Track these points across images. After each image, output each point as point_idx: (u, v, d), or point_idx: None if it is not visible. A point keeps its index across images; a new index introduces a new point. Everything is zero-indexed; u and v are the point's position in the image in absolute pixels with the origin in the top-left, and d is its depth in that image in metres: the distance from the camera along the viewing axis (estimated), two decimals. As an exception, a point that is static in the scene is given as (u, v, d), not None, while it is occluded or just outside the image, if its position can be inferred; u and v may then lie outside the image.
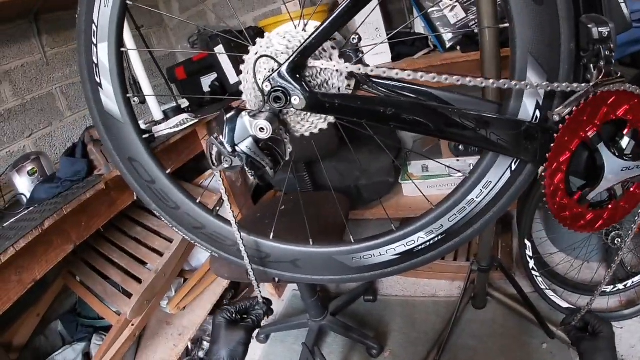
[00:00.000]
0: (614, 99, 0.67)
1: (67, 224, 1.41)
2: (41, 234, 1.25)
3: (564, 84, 0.64)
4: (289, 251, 0.87)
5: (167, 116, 1.86)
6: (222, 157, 0.72)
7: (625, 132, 0.70)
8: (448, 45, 1.78)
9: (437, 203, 0.79)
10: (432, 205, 0.79)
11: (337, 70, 0.71)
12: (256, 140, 0.71)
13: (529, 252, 1.97)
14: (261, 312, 0.94)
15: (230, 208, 0.85)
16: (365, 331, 2.01)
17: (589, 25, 0.63)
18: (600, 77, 0.65)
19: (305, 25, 0.71)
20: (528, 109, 0.68)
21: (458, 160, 2.16)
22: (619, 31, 0.68)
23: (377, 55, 1.87)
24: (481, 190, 0.74)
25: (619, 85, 0.65)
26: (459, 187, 0.76)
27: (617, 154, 0.71)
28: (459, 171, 2.12)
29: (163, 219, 0.91)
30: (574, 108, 0.65)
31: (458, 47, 1.75)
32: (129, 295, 1.77)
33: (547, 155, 0.68)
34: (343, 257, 0.84)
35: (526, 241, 1.96)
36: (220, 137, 0.72)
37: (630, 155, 0.71)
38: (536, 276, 1.97)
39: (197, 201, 0.88)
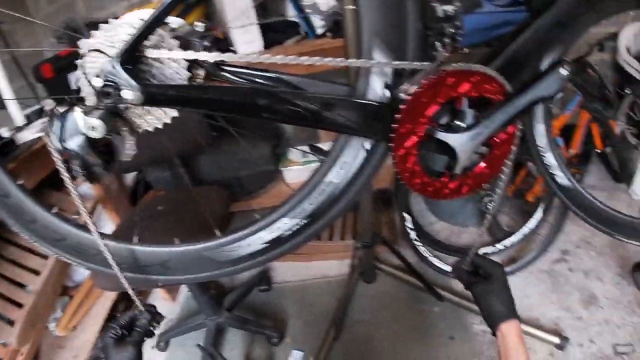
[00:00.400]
0: (457, 77, 0.70)
1: None
2: None
3: (409, 63, 0.66)
4: (156, 254, 0.83)
5: (30, 120, 1.68)
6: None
7: (459, 107, 0.74)
8: (319, 31, 1.82)
9: (297, 188, 0.79)
10: (292, 190, 0.80)
11: (174, 61, 0.67)
12: (89, 138, 0.65)
13: (409, 224, 2.10)
14: (146, 321, 0.87)
15: (88, 214, 0.77)
16: (263, 321, 2.01)
17: (434, 4, 0.66)
18: (446, 54, 0.67)
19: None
20: (376, 88, 0.70)
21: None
22: (467, 10, 0.71)
23: (248, 43, 1.84)
24: (338, 172, 0.76)
25: (462, 63, 0.69)
26: (317, 170, 0.77)
27: (460, 130, 0.75)
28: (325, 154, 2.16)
29: (23, 235, 0.83)
30: (416, 88, 0.67)
31: (328, 34, 1.79)
32: (12, 323, 1.62)
33: (391, 134, 0.70)
34: (212, 252, 0.82)
35: (405, 214, 2.09)
36: (50, 132, 0.66)
37: (474, 123, 0.75)
38: (419, 246, 2.11)
39: (53, 211, 0.81)
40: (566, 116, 2.00)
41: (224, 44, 1.84)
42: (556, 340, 1.74)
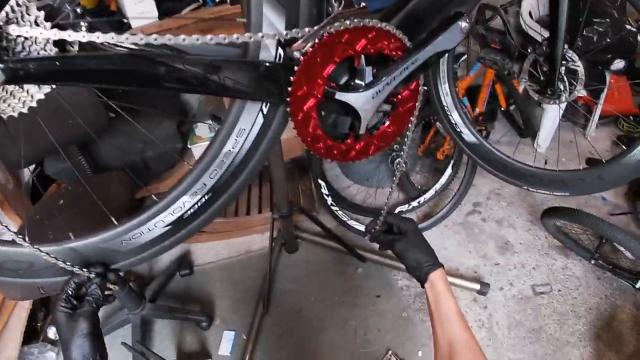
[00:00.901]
0: (352, 34, 0.67)
1: None
2: None
3: (302, 21, 0.63)
4: (51, 253, 0.74)
5: None
6: None
7: (357, 65, 0.71)
8: (217, -2, 1.75)
9: (194, 162, 0.74)
10: (190, 165, 0.75)
11: (35, 38, 0.57)
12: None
13: (325, 191, 2.10)
14: (96, 287, 0.77)
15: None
16: (189, 307, 1.96)
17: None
18: (341, 10, 0.65)
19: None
20: (269, 48, 0.65)
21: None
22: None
23: (142, 14, 1.69)
24: (236, 140, 0.71)
25: (357, 20, 0.65)
26: (213, 141, 0.72)
27: (360, 89, 0.72)
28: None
29: None
30: (311, 46, 0.63)
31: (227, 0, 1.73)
32: None
33: (288, 97, 0.66)
34: (111, 244, 0.75)
35: (320, 181, 2.09)
36: None
37: (374, 81, 0.73)
38: (336, 210, 2.12)
39: None
40: (471, 77, 2.08)
41: (118, 14, 1.71)
42: (477, 286, 1.84)
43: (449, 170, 2.17)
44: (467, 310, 1.82)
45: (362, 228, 2.10)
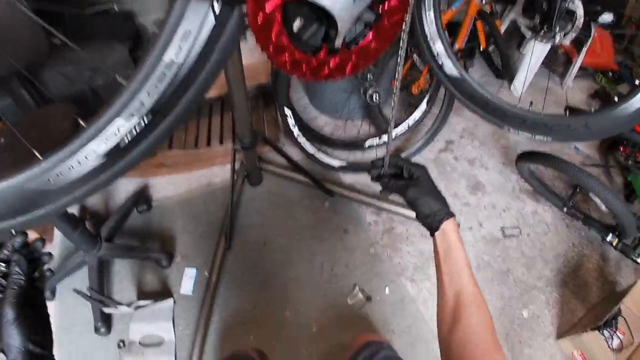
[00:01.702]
0: None
1: None
2: None
3: None
4: None
5: None
6: None
7: None
8: None
9: (129, 78, 0.61)
10: (124, 82, 0.62)
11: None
12: None
13: (291, 120, 1.98)
14: (17, 265, 0.68)
15: None
16: (148, 245, 1.86)
17: None
18: None
19: None
20: None
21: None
22: None
23: None
24: (179, 47, 0.58)
25: None
26: (150, 49, 0.58)
27: None
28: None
29: None
30: None
31: None
32: None
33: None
34: (36, 183, 0.64)
35: (286, 109, 1.95)
36: None
37: None
38: (303, 142, 2.01)
39: None
40: (452, 11, 1.94)
41: None
42: (448, 225, 1.80)
43: (423, 106, 2.07)
44: None
45: (330, 161, 2.01)
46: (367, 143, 2.08)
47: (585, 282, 1.71)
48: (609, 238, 1.68)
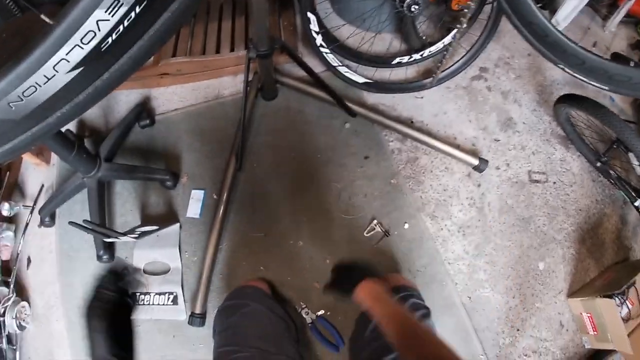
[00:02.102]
0: None
1: None
2: None
3: None
4: None
5: None
6: None
7: None
8: None
9: None
10: None
11: None
12: None
13: (314, 27, 1.74)
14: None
15: None
16: (152, 165, 1.71)
17: None
18: None
19: None
20: None
21: None
22: None
23: None
24: None
25: None
26: None
27: None
28: None
29: None
30: None
31: None
32: None
33: None
34: None
35: (309, 14, 1.71)
36: None
37: None
38: (326, 53, 1.80)
39: None
40: None
41: None
42: (475, 161, 1.69)
43: (462, 25, 1.82)
44: (460, 185, 1.69)
45: (354, 76, 1.82)
46: (396, 60, 1.86)
47: (602, 242, 1.66)
48: (637, 203, 1.58)
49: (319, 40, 1.75)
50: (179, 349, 1.50)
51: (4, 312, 1.53)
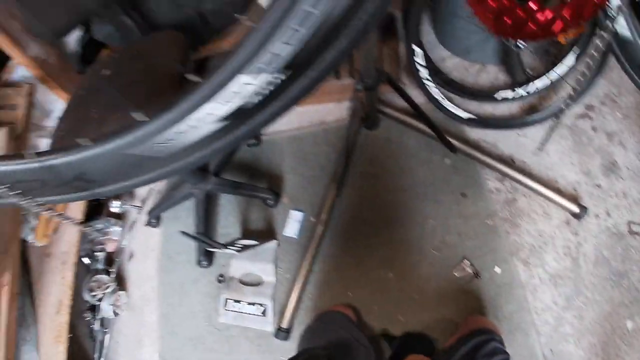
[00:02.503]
0: None
1: None
2: None
3: None
4: (61, 166, 0.58)
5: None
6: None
7: None
8: None
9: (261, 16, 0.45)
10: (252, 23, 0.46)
11: None
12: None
13: (419, 59, 1.75)
14: None
15: None
16: (255, 183, 1.80)
17: None
18: None
19: None
20: None
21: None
22: None
23: None
24: None
25: None
26: None
27: None
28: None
29: None
30: None
31: None
32: None
33: None
34: (140, 149, 0.55)
35: (414, 46, 1.72)
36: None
37: None
38: (429, 85, 1.80)
39: None
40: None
41: None
42: (575, 209, 1.66)
43: (570, 60, 1.76)
44: (556, 231, 1.68)
45: (457, 111, 1.81)
46: (500, 95, 1.83)
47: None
48: None
49: (423, 72, 1.76)
50: (263, 357, 1.61)
51: (102, 298, 1.70)
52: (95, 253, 1.79)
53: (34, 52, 1.45)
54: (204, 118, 0.52)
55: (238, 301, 1.67)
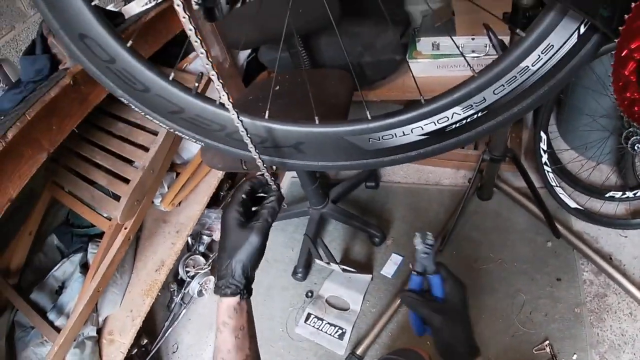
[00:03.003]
0: None
1: (35, 131, 1.21)
2: (6, 148, 1.09)
3: None
4: (291, 133, 0.72)
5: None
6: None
7: None
8: None
9: (481, 70, 0.61)
10: (473, 73, 0.62)
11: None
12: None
13: (543, 146, 1.88)
14: (274, 202, 0.79)
15: (223, 87, 0.65)
16: (367, 219, 1.96)
17: None
18: None
19: None
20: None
21: (473, 39, 1.85)
22: None
23: None
24: (539, 56, 0.57)
25: None
26: (512, 50, 0.58)
27: None
28: (472, 51, 1.85)
29: (133, 107, 0.73)
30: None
31: None
32: (118, 198, 1.58)
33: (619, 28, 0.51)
34: (357, 138, 0.70)
35: (542, 133, 1.85)
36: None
37: None
38: (547, 171, 1.91)
39: (170, 78, 0.68)
40: None
41: None
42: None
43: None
44: (638, 334, 1.68)
45: (567, 200, 1.91)
46: (609, 193, 1.92)
47: None
48: None
49: (544, 158, 1.88)
50: (326, 378, 1.71)
51: (194, 276, 1.90)
52: (202, 236, 2.01)
53: (215, 53, 1.76)
54: (414, 130, 0.67)
55: (321, 319, 1.82)
